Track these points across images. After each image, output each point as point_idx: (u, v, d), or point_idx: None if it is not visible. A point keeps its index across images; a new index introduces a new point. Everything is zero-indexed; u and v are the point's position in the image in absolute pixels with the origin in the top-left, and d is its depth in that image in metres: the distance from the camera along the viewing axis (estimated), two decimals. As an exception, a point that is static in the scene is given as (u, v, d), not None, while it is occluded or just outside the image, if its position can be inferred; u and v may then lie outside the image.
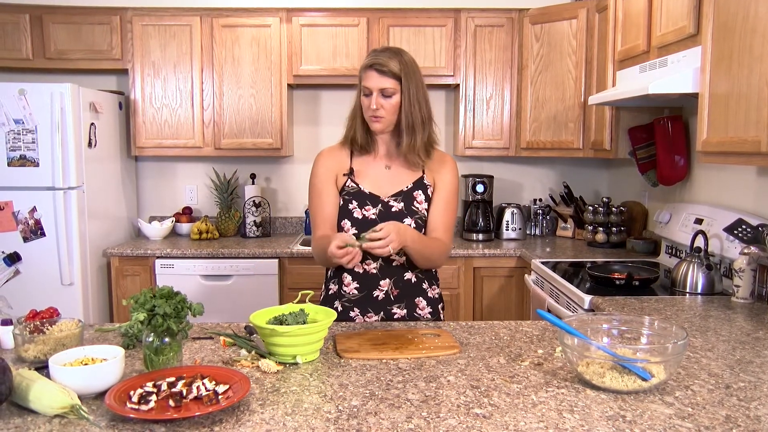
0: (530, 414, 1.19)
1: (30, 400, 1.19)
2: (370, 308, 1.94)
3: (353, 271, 1.94)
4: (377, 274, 1.93)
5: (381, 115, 1.87)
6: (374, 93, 1.85)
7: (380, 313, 1.94)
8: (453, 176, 2.00)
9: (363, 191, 1.93)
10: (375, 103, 1.85)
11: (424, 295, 1.98)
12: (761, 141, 1.79)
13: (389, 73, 1.85)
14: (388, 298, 1.94)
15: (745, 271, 2.13)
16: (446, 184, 1.97)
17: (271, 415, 1.19)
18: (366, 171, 1.97)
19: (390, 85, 1.85)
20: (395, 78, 1.85)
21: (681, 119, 2.96)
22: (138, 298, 1.40)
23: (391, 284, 1.94)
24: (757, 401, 1.26)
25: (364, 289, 1.94)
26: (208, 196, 4.07)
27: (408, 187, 1.94)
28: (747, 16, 1.86)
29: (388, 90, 1.85)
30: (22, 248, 3.24)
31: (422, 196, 1.95)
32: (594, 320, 1.52)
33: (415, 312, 1.97)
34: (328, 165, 1.99)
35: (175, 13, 3.65)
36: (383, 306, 1.94)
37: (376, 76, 1.85)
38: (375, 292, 1.94)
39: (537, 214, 3.98)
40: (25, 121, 3.18)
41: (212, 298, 3.40)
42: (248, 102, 3.70)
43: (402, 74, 1.85)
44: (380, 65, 1.85)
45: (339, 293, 1.97)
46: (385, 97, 1.86)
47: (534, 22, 3.60)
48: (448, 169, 1.99)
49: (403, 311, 1.95)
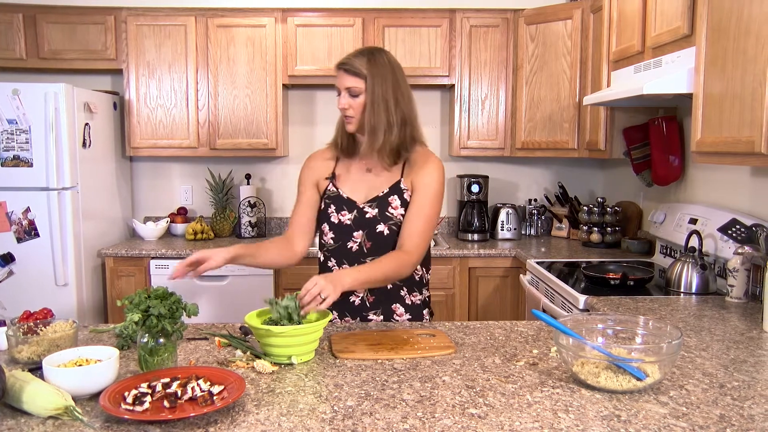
0: (525, 414, 1.20)
1: (23, 402, 1.18)
2: (347, 313, 1.93)
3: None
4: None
5: (350, 114, 1.85)
6: (342, 92, 1.85)
7: (356, 318, 1.93)
8: (432, 179, 1.88)
9: (341, 196, 1.92)
10: (342, 102, 1.84)
11: (402, 302, 1.94)
12: (755, 141, 1.79)
13: (353, 72, 1.83)
14: (364, 304, 1.93)
15: (739, 270, 2.14)
16: (423, 187, 1.87)
17: (266, 415, 1.19)
18: (347, 175, 1.95)
19: (354, 84, 1.83)
20: (360, 77, 1.82)
21: (675, 119, 2.97)
22: (133, 299, 1.40)
23: (366, 290, 1.92)
24: (751, 400, 1.27)
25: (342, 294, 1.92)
26: (203, 196, 4.06)
27: (384, 192, 1.89)
28: (741, 17, 1.87)
29: (353, 89, 1.83)
30: (16, 249, 3.23)
31: (398, 201, 1.88)
32: (589, 320, 1.53)
33: (392, 318, 1.94)
34: (313, 169, 2.00)
35: (170, 13, 3.64)
36: (359, 311, 1.93)
37: (343, 75, 1.85)
38: (351, 297, 1.92)
39: (532, 214, 3.99)
40: (18, 121, 3.16)
41: (207, 298, 3.39)
42: (243, 102, 3.70)
43: (368, 73, 1.81)
44: (345, 64, 1.85)
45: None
46: (352, 97, 1.84)
47: (529, 22, 3.61)
48: (427, 171, 1.88)
49: (379, 317, 1.93)
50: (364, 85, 1.83)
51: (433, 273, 3.51)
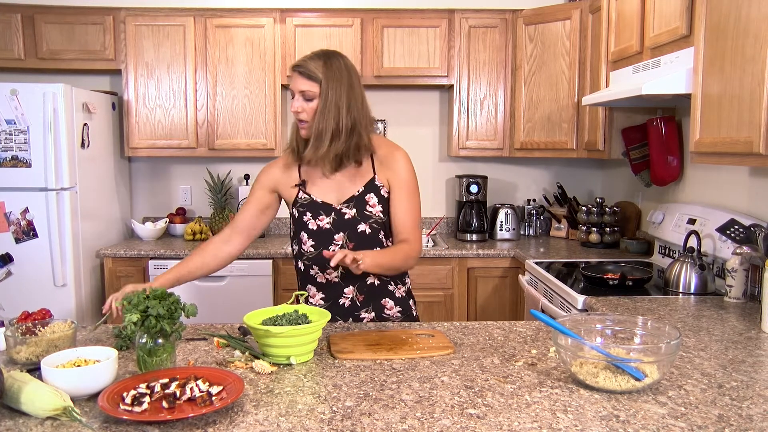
0: (524, 414, 1.20)
1: (22, 402, 1.18)
2: (338, 316, 1.92)
3: (316, 281, 1.93)
4: (340, 282, 1.91)
5: (303, 118, 1.82)
6: (296, 95, 1.82)
7: (348, 320, 1.93)
8: (407, 170, 1.90)
9: (315, 201, 1.89)
10: (296, 105, 1.81)
11: (391, 296, 1.96)
12: (753, 141, 1.80)
13: (308, 76, 1.80)
14: (354, 304, 1.93)
15: (737, 271, 2.14)
16: (402, 180, 1.89)
17: (265, 416, 1.19)
18: (314, 180, 1.92)
19: (308, 87, 1.80)
20: (315, 81, 1.80)
21: (674, 120, 2.97)
22: (131, 300, 1.40)
23: (356, 291, 1.92)
24: (749, 400, 1.27)
25: (329, 299, 1.93)
26: (202, 196, 4.06)
27: (359, 191, 1.88)
28: (739, 18, 1.87)
29: (307, 93, 1.80)
30: (14, 249, 3.22)
31: (375, 198, 1.88)
32: (587, 320, 1.53)
33: (383, 313, 1.94)
34: (271, 175, 1.98)
35: (169, 13, 3.64)
36: (351, 312, 1.93)
37: (297, 78, 1.82)
38: (341, 300, 1.92)
39: (531, 214, 3.99)
40: (17, 121, 3.16)
41: (206, 299, 3.39)
42: (242, 102, 3.70)
43: (323, 77, 1.79)
44: (300, 67, 1.82)
45: (307, 303, 1.96)
46: (306, 101, 1.81)
47: (528, 22, 3.61)
48: (400, 164, 1.90)
49: (371, 314, 1.93)
50: (319, 89, 1.80)
51: (432, 273, 3.54)
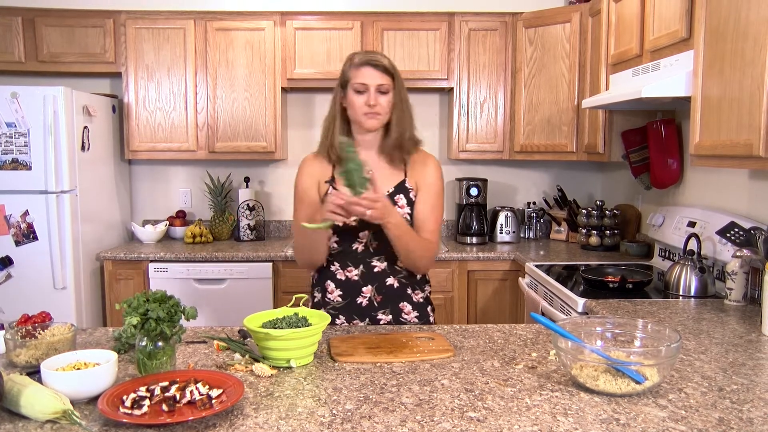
0: (524, 417, 1.19)
1: (21, 406, 1.18)
2: (355, 315, 1.93)
3: (336, 278, 1.94)
4: (359, 281, 1.92)
5: (378, 111, 1.85)
6: (371, 89, 1.84)
7: (365, 320, 1.93)
8: (437, 177, 1.97)
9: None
10: (373, 99, 1.84)
11: (409, 300, 1.97)
12: (753, 144, 1.80)
13: (383, 69, 1.84)
14: (372, 304, 1.93)
15: (737, 273, 2.14)
16: (430, 185, 1.95)
17: (264, 419, 1.19)
18: None
19: (386, 81, 1.85)
20: (389, 74, 1.85)
21: (674, 122, 2.97)
22: (131, 302, 1.39)
23: (374, 291, 1.93)
24: (749, 404, 1.27)
25: (347, 297, 1.93)
26: (202, 199, 4.06)
27: (389, 191, 1.91)
28: (738, 21, 1.87)
29: (384, 86, 1.85)
30: (14, 252, 3.22)
31: (404, 200, 1.92)
32: (588, 323, 1.53)
33: (401, 317, 1.95)
34: (311, 171, 1.98)
35: (169, 16, 3.65)
36: (368, 312, 1.93)
37: (374, 72, 1.84)
38: (358, 299, 1.93)
39: (531, 217, 3.99)
40: (17, 124, 3.16)
41: (206, 301, 3.39)
42: (242, 105, 3.70)
43: (393, 71, 1.87)
44: (376, 61, 1.85)
45: (323, 301, 1.97)
46: (380, 94, 1.85)
47: (528, 25, 3.62)
48: (431, 170, 1.97)
49: (388, 317, 1.94)
50: (392, 82, 1.86)
51: (432, 276, 3.51)
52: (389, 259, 1.93)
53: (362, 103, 1.85)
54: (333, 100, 1.95)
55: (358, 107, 1.86)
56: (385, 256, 1.92)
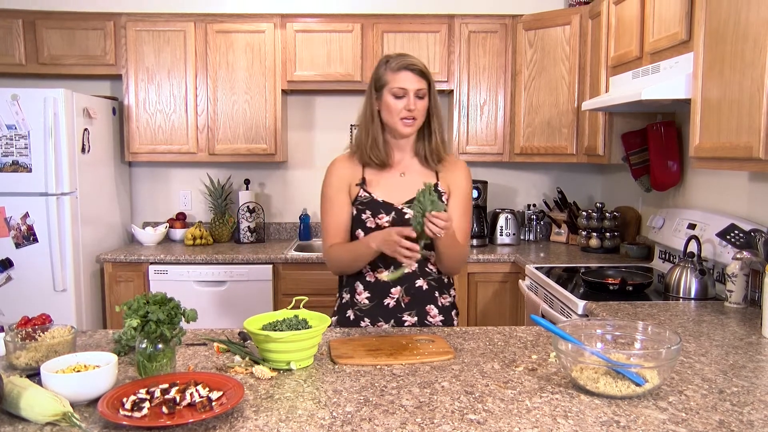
0: (524, 419, 1.19)
1: (21, 408, 1.18)
2: (380, 317, 1.92)
3: (365, 280, 1.93)
4: (388, 282, 1.91)
5: (415, 116, 1.85)
6: (410, 94, 1.83)
7: (390, 321, 1.92)
8: (468, 182, 1.99)
9: (376, 200, 1.90)
10: (413, 103, 1.83)
11: (435, 303, 1.96)
12: (753, 146, 1.80)
13: (420, 73, 1.84)
14: (399, 305, 1.92)
15: (737, 276, 2.14)
16: (462, 189, 1.96)
17: (265, 421, 1.19)
18: (378, 180, 1.93)
19: (423, 85, 1.85)
20: (426, 79, 1.85)
21: (674, 125, 2.97)
22: (131, 305, 1.39)
23: (403, 292, 1.92)
24: (750, 406, 1.27)
25: (375, 298, 1.92)
26: (202, 201, 4.06)
27: None
28: (738, 23, 1.87)
29: (421, 91, 1.84)
30: (14, 254, 3.22)
31: None
32: (588, 325, 1.52)
33: (426, 319, 1.94)
34: (341, 174, 1.95)
35: (169, 18, 3.65)
36: (394, 314, 1.92)
37: (413, 77, 1.83)
38: (386, 300, 1.92)
39: (531, 219, 3.99)
40: (17, 126, 3.17)
41: (206, 304, 3.39)
42: (242, 107, 3.70)
43: (428, 75, 1.87)
44: (415, 66, 1.84)
45: (351, 302, 1.96)
46: (418, 98, 1.85)
47: (527, 28, 3.62)
48: (463, 174, 1.98)
49: (413, 318, 1.93)
50: (428, 87, 1.86)
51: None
52: (420, 261, 1.90)
53: (401, 108, 1.84)
54: (366, 103, 1.93)
55: (395, 112, 1.85)
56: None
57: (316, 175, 4.08)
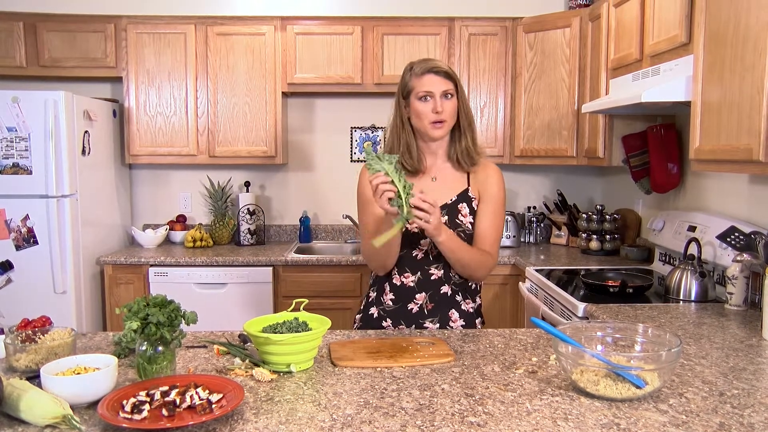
0: (525, 422, 1.19)
1: (21, 411, 1.17)
2: (402, 321, 1.92)
3: (392, 282, 1.92)
4: (414, 287, 1.90)
5: (444, 118, 1.83)
6: (437, 96, 1.82)
7: (412, 326, 1.91)
8: (500, 188, 1.93)
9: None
10: (440, 105, 1.81)
11: (458, 308, 1.94)
12: (753, 149, 1.80)
13: (446, 75, 1.83)
14: (422, 311, 1.91)
15: (738, 278, 2.14)
16: (493, 195, 1.92)
17: (265, 424, 1.18)
18: None
19: (450, 86, 1.83)
20: (452, 80, 1.84)
21: (674, 127, 2.97)
22: (131, 307, 1.39)
23: (427, 298, 1.91)
24: (750, 408, 1.26)
25: (399, 302, 1.92)
26: (202, 203, 4.07)
27: (452, 200, 1.90)
28: (738, 25, 1.88)
29: (449, 92, 1.83)
30: (15, 256, 3.23)
31: (467, 209, 1.90)
32: (588, 328, 1.52)
33: (448, 325, 1.93)
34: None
35: (170, 21, 3.65)
36: (416, 319, 1.91)
37: (437, 79, 1.82)
38: (410, 305, 1.91)
39: (531, 221, 3.99)
40: (18, 128, 3.17)
41: (206, 306, 3.38)
42: (242, 110, 3.71)
43: (455, 76, 1.85)
44: (439, 68, 1.83)
45: (378, 300, 1.96)
46: (445, 100, 1.83)
47: (528, 30, 3.62)
48: (494, 180, 1.93)
49: (435, 325, 1.91)
50: (455, 87, 1.84)
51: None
52: (447, 267, 1.90)
53: (429, 111, 1.82)
54: (395, 112, 1.91)
55: (424, 115, 1.83)
56: (443, 263, 1.89)
57: (316, 178, 4.10)
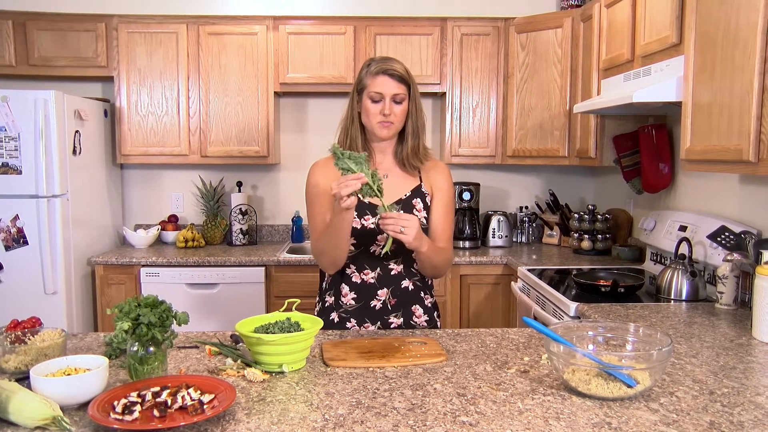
0: (516, 421, 1.20)
1: (10, 413, 1.17)
2: (367, 318, 1.93)
3: (351, 281, 1.93)
4: (375, 284, 1.92)
5: (392, 120, 1.86)
6: (386, 98, 1.85)
7: (377, 323, 1.93)
8: (450, 183, 2.00)
9: (362, 201, 1.87)
10: (388, 109, 1.84)
11: (421, 303, 1.97)
12: (743, 149, 1.81)
13: (400, 79, 1.85)
14: (386, 307, 1.93)
15: (728, 277, 2.15)
16: (444, 191, 1.98)
17: (256, 424, 1.18)
18: None
19: (402, 91, 1.86)
20: (405, 84, 1.86)
21: (665, 127, 2.99)
22: (122, 307, 1.39)
23: (389, 293, 1.93)
24: (740, 407, 1.27)
25: (361, 300, 1.93)
26: (194, 204, 4.05)
27: (407, 194, 1.93)
28: (728, 27, 1.89)
29: (399, 96, 1.85)
30: (4, 257, 3.20)
31: (421, 204, 1.93)
32: (579, 327, 1.53)
33: (412, 320, 1.95)
34: (325, 173, 1.93)
35: (162, 20, 3.64)
36: (380, 316, 1.93)
37: (390, 82, 1.85)
38: (372, 302, 1.93)
39: (523, 221, 4.00)
40: (7, 128, 3.15)
41: (198, 306, 3.38)
42: (235, 110, 3.69)
43: (409, 80, 1.88)
44: (393, 71, 1.85)
45: (336, 304, 1.96)
46: (396, 103, 1.86)
47: (520, 30, 3.63)
48: (444, 176, 2.00)
49: (399, 320, 1.94)
50: (407, 91, 1.87)
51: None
52: (406, 262, 1.94)
53: (377, 112, 1.86)
54: (349, 105, 1.95)
55: (372, 115, 1.87)
56: (402, 258, 1.93)
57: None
